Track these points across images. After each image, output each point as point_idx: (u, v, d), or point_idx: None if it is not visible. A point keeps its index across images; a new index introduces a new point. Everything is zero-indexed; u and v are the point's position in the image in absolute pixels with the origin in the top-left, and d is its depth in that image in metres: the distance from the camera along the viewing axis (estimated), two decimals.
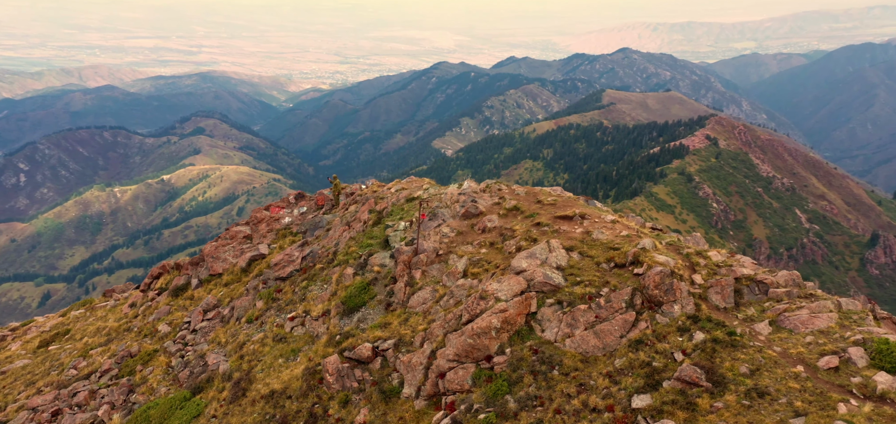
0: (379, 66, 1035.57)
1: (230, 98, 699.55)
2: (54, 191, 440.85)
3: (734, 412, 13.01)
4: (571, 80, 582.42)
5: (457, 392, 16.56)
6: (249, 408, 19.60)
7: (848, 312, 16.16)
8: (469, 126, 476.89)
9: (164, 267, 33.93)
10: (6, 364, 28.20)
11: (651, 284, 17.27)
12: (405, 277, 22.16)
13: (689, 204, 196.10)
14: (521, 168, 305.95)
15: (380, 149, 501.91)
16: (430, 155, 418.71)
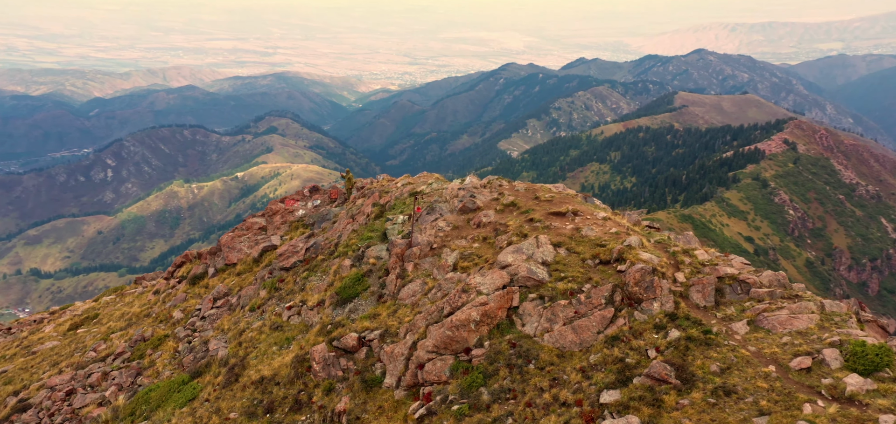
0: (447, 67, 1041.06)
1: (302, 98, 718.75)
2: (138, 185, 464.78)
3: (699, 409, 13.09)
4: (642, 82, 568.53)
5: (434, 384, 16.73)
6: (240, 393, 20.03)
7: (830, 314, 16.06)
8: (536, 127, 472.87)
9: (187, 256, 35.04)
10: (37, 345, 29.75)
11: (631, 281, 17.31)
12: (397, 269, 22.39)
13: (762, 210, 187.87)
14: (588, 170, 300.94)
15: (446, 150, 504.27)
16: (495, 156, 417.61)
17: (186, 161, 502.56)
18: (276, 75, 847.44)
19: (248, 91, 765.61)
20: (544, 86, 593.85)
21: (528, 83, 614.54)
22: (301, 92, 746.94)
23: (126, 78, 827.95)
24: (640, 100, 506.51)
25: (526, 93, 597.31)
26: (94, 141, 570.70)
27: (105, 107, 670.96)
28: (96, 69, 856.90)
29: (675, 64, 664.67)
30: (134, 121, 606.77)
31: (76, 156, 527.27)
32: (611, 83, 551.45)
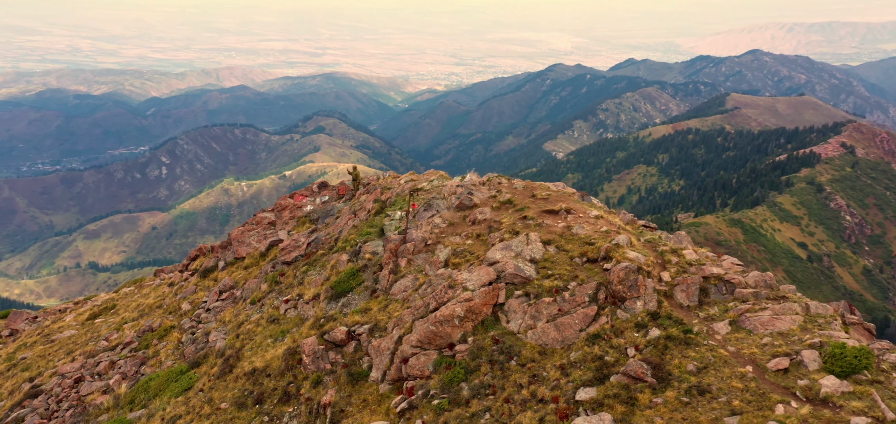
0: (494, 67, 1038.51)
1: (350, 98, 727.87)
2: (190, 183, 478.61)
3: (671, 408, 13.14)
4: (693, 84, 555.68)
5: (418, 378, 16.85)
6: (232, 384, 20.29)
7: (815, 315, 15.90)
8: (582, 129, 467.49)
9: (201, 249, 35.73)
10: (57, 334, 30.73)
11: (615, 279, 17.28)
12: (391, 265, 22.55)
13: (817, 215, 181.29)
14: (634, 173, 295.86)
15: (491, 151, 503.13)
16: (540, 157, 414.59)
17: (237, 159, 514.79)
18: (324, 75, 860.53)
19: (298, 91, 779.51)
20: (591, 88, 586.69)
21: (575, 84, 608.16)
22: (349, 92, 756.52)
23: (181, 78, 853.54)
24: (691, 101, 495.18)
25: (573, 95, 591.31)
26: (150, 139, 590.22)
27: (161, 106, 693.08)
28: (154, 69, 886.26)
29: (728, 65, 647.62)
30: (188, 120, 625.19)
31: (133, 154, 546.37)
32: (660, 84, 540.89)
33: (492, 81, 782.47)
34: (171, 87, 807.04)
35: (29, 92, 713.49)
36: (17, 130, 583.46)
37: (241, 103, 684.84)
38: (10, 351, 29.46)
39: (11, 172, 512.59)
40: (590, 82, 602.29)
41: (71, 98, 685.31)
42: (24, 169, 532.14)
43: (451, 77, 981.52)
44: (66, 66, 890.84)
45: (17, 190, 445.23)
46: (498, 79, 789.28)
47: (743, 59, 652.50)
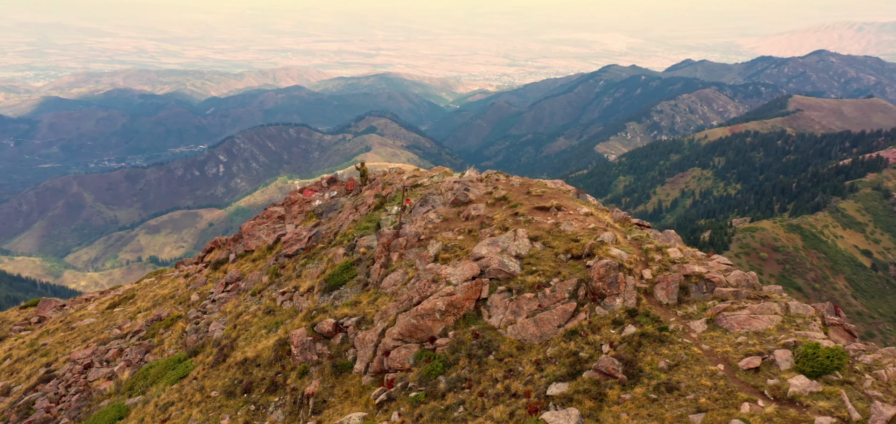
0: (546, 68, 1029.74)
1: (402, 98, 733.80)
2: (246, 180, 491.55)
3: (638, 404, 13.29)
4: (754, 85, 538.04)
5: (398, 371, 17.06)
6: (224, 373, 20.64)
7: (794, 316, 15.79)
8: (635, 131, 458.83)
9: (216, 242, 36.45)
10: (77, 321, 31.78)
11: (596, 276, 17.33)
12: (382, 259, 22.81)
13: (883, 222, 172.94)
14: (688, 176, 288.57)
15: (541, 152, 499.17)
16: (591, 159, 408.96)
17: (291, 158, 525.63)
18: (377, 76, 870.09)
19: (351, 91, 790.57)
20: (646, 89, 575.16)
21: (629, 85, 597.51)
22: (401, 92, 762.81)
23: (239, 78, 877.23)
24: (751, 103, 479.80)
25: (626, 96, 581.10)
26: (209, 137, 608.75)
27: (220, 105, 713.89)
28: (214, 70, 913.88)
29: (791, 66, 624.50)
30: (245, 120, 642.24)
31: (192, 152, 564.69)
32: (718, 86, 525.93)
33: (544, 82, 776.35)
34: (229, 87, 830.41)
35: (98, 91, 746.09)
36: (86, 128, 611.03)
37: (296, 103, 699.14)
38: (34, 337, 30.75)
39: (80, 168, 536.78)
40: (644, 83, 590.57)
41: (136, 97, 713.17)
42: (92, 165, 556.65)
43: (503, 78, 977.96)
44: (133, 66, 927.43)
45: (84, 185, 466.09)
46: (550, 80, 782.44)
47: (807, 60, 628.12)
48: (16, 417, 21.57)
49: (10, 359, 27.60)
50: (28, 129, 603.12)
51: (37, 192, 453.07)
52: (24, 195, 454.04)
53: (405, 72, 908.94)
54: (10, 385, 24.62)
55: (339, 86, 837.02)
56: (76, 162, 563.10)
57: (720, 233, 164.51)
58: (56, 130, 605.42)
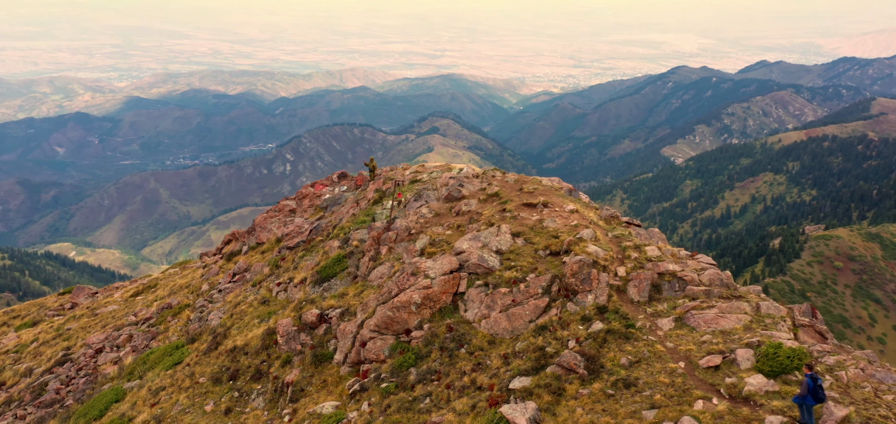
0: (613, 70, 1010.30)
1: (465, 99, 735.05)
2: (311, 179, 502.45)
3: (594, 399, 13.33)
4: (834, 87, 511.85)
5: (373, 362, 16.96)
6: (214, 360, 20.84)
7: (764, 315, 15.58)
8: (704, 134, 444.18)
9: (234, 234, 37.12)
10: (101, 308, 32.96)
11: (569, 272, 17.20)
12: (372, 252, 22.81)
13: None
14: (759, 181, 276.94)
15: (605, 155, 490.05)
16: (657, 162, 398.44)
17: (355, 158, 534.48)
18: (441, 77, 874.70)
19: (415, 92, 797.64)
20: (717, 91, 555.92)
21: (699, 87, 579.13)
22: (464, 93, 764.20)
23: (308, 79, 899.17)
24: (830, 106, 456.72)
25: (696, 98, 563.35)
26: (277, 137, 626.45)
27: (288, 106, 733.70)
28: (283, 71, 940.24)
29: (876, 67, 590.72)
30: (312, 119, 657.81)
31: (261, 151, 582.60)
32: (795, 88, 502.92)
33: (610, 84, 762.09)
34: (298, 88, 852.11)
35: (175, 91, 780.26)
36: (163, 127, 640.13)
37: (361, 103, 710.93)
38: (62, 322, 32.20)
39: (157, 165, 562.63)
40: (715, 85, 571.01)
41: (210, 97, 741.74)
42: (168, 162, 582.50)
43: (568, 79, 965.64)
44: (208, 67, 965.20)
45: (161, 182, 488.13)
46: (616, 82, 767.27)
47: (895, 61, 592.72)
48: (29, 397, 22.60)
49: (37, 342, 29.02)
50: (111, 128, 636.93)
51: (117, 188, 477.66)
52: (105, 190, 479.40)
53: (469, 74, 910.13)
54: (33, 367, 25.85)
55: (404, 87, 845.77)
56: (154, 159, 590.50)
57: (791, 241, 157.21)
58: (136, 128, 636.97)
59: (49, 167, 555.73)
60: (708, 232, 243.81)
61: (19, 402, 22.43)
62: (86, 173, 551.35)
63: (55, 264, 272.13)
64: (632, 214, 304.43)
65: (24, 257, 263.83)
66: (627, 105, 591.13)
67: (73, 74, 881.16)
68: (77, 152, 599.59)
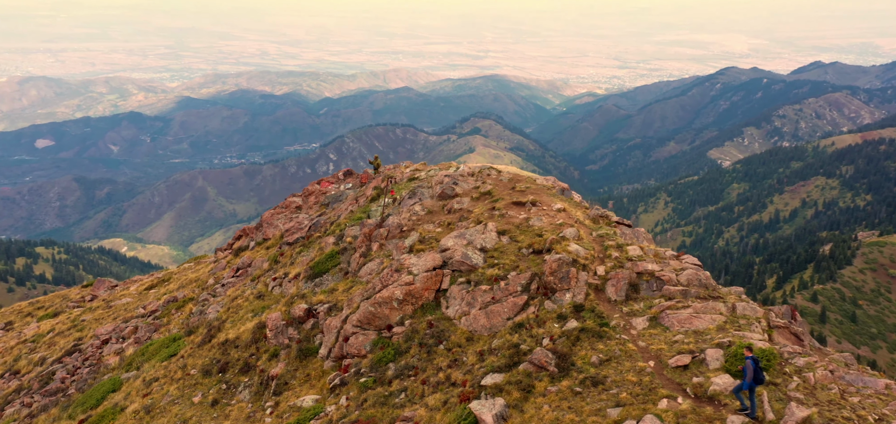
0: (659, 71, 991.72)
1: (507, 100, 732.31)
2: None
3: (562, 397, 13.40)
4: (893, 89, 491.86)
5: (355, 357, 16.96)
6: (206, 352, 21.02)
7: (739, 316, 15.52)
8: (753, 136, 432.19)
9: (245, 230, 37.47)
10: (116, 301, 33.65)
11: (548, 271, 17.14)
12: (363, 248, 22.91)
13: None
14: (811, 185, 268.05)
15: (650, 157, 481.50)
16: (703, 165, 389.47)
17: (396, 158, 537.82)
18: (484, 77, 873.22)
19: (458, 93, 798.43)
20: (768, 93, 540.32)
21: (748, 89, 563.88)
22: (507, 94, 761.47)
23: (352, 80, 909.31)
24: (888, 109, 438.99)
25: (745, 100, 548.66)
26: (321, 136, 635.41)
27: (333, 106, 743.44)
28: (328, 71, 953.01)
29: None
30: (355, 119, 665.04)
31: (305, 150, 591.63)
32: (851, 89, 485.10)
33: (656, 85, 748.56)
34: (342, 88, 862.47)
35: (224, 92, 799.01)
36: (211, 126, 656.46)
37: (404, 104, 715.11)
38: (78, 313, 33.05)
39: (205, 164, 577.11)
40: (766, 87, 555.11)
41: (257, 97, 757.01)
42: (216, 161, 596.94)
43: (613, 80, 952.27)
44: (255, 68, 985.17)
45: (208, 180, 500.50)
46: (662, 83, 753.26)
47: None
48: (37, 385, 23.27)
49: (53, 333, 29.94)
50: (162, 127, 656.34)
51: (167, 185, 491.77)
52: (156, 188, 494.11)
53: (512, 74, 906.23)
54: (46, 356, 26.65)
55: (447, 88, 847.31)
56: (202, 157, 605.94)
57: (842, 247, 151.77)
58: (186, 128, 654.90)
59: (104, 165, 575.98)
60: (755, 237, 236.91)
61: (28, 390, 23.14)
62: (138, 171, 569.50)
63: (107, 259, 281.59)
64: (676, 218, 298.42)
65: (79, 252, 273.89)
66: (673, 106, 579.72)
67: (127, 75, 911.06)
68: (130, 150, 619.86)
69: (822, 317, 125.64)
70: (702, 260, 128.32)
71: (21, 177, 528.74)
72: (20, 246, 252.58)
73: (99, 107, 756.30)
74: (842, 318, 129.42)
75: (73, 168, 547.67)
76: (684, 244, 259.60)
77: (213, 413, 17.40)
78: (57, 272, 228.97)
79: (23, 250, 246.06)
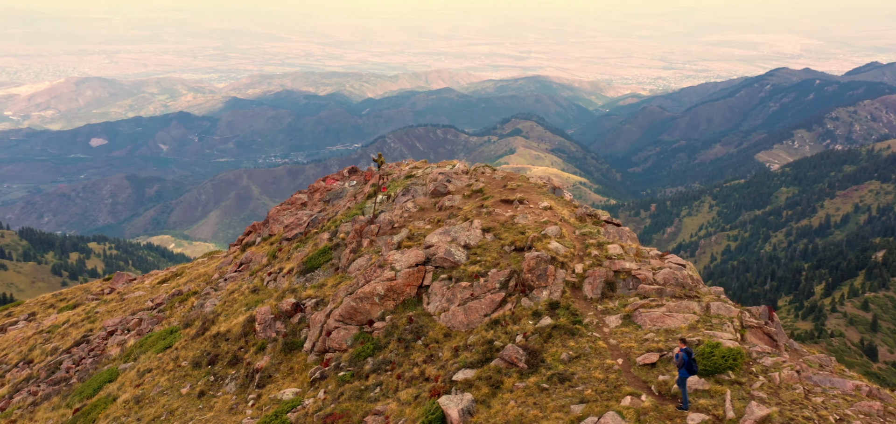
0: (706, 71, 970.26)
1: (549, 101, 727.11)
2: None
3: (528, 392, 13.47)
4: None
5: (336, 351, 17.02)
6: (199, 345, 21.26)
7: (712, 315, 15.44)
8: (804, 139, 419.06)
9: (254, 226, 37.87)
10: (130, 294, 34.38)
11: (526, 268, 17.13)
12: (353, 244, 23.09)
13: None
14: (864, 190, 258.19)
15: (694, 159, 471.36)
16: (751, 167, 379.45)
17: (437, 158, 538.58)
18: (526, 78, 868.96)
19: (499, 94, 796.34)
20: (820, 94, 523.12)
21: (800, 90, 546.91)
22: (549, 95, 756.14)
23: (394, 81, 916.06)
24: None
25: (796, 102, 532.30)
26: (363, 137, 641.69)
27: (375, 106, 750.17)
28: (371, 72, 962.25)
29: None
30: (397, 120, 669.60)
31: (347, 150, 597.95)
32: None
33: (702, 86, 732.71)
34: (384, 89, 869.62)
35: (269, 92, 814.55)
36: (257, 126, 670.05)
37: (445, 105, 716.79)
38: (93, 306, 33.99)
39: (250, 163, 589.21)
40: (819, 88, 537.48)
41: (301, 98, 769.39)
42: (260, 160, 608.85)
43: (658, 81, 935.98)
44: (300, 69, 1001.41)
45: (253, 179, 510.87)
46: (709, 85, 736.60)
47: None
48: (44, 374, 24.02)
49: (68, 324, 30.87)
50: (209, 126, 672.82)
51: (214, 184, 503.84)
52: (202, 186, 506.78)
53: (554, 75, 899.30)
54: (58, 346, 27.47)
55: (488, 89, 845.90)
56: (247, 157, 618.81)
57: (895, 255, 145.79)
58: (232, 128, 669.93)
59: (154, 163, 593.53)
60: (803, 243, 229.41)
61: (36, 379, 23.90)
62: (186, 169, 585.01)
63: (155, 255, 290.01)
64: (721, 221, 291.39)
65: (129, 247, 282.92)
66: (720, 108, 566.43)
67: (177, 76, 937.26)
68: (178, 149, 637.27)
69: (874, 326, 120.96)
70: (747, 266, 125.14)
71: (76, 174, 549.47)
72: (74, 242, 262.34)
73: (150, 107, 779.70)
74: (895, 327, 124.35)
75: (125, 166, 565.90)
76: (729, 248, 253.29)
77: (198, 405, 17.61)
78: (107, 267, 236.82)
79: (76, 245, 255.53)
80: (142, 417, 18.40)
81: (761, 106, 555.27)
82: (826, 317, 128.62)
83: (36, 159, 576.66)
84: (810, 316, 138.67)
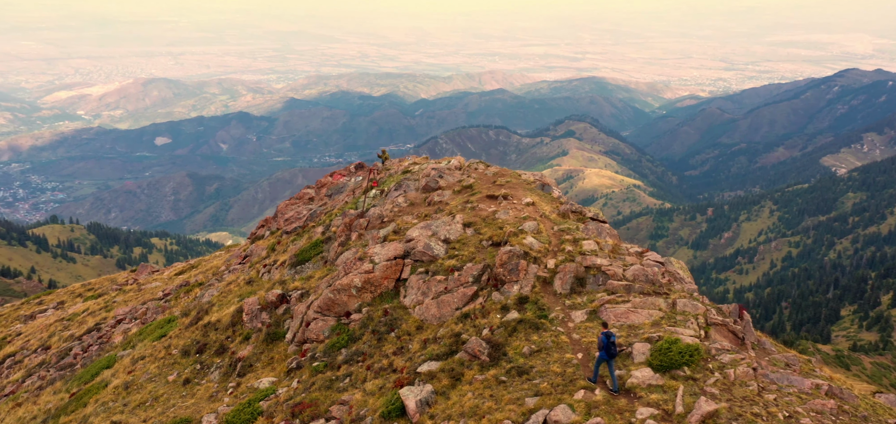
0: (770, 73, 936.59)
1: (604, 103, 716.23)
2: None
3: (486, 385, 13.60)
4: None
5: (313, 342, 17.22)
6: (191, 334, 21.54)
7: (677, 313, 15.30)
8: (874, 143, 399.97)
9: (266, 220, 38.44)
10: (148, 285, 35.25)
11: (498, 263, 17.24)
12: (342, 238, 23.14)
13: None
14: None
15: (755, 163, 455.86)
16: (815, 172, 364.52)
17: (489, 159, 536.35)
18: (581, 80, 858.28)
19: (553, 95, 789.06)
20: (893, 96, 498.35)
21: (871, 92, 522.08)
22: (604, 97, 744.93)
23: (448, 81, 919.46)
24: None
25: (867, 104, 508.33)
26: (416, 137, 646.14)
27: (428, 107, 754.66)
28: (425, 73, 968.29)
29: None
30: (449, 121, 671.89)
31: (400, 151, 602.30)
32: None
33: (765, 88, 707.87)
34: (438, 90, 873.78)
35: (325, 93, 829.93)
36: (312, 126, 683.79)
37: (498, 106, 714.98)
38: (113, 296, 35.10)
39: (305, 162, 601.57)
40: (891, 90, 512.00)
41: (356, 98, 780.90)
42: (315, 160, 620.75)
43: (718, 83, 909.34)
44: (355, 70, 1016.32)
45: (307, 178, 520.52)
46: (772, 86, 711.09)
47: None
48: (55, 359, 24.96)
49: (87, 312, 32.02)
50: (267, 126, 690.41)
51: (270, 183, 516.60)
52: (259, 185, 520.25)
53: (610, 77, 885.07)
54: (74, 333, 28.48)
55: (542, 90, 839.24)
56: (303, 156, 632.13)
57: None
58: (289, 127, 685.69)
59: (214, 161, 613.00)
60: (871, 250, 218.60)
61: (48, 364, 24.87)
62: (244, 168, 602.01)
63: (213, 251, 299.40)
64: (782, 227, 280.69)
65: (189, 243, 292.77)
66: (784, 110, 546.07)
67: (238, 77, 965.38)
68: (237, 148, 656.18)
69: None
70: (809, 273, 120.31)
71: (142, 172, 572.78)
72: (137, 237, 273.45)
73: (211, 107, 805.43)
74: None
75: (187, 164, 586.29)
76: (790, 255, 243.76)
77: (182, 392, 18.07)
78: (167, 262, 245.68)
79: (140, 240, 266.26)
80: (128, 402, 18.81)
81: (828, 108, 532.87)
82: (893, 328, 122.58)
83: (105, 157, 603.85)
84: (876, 326, 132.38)
